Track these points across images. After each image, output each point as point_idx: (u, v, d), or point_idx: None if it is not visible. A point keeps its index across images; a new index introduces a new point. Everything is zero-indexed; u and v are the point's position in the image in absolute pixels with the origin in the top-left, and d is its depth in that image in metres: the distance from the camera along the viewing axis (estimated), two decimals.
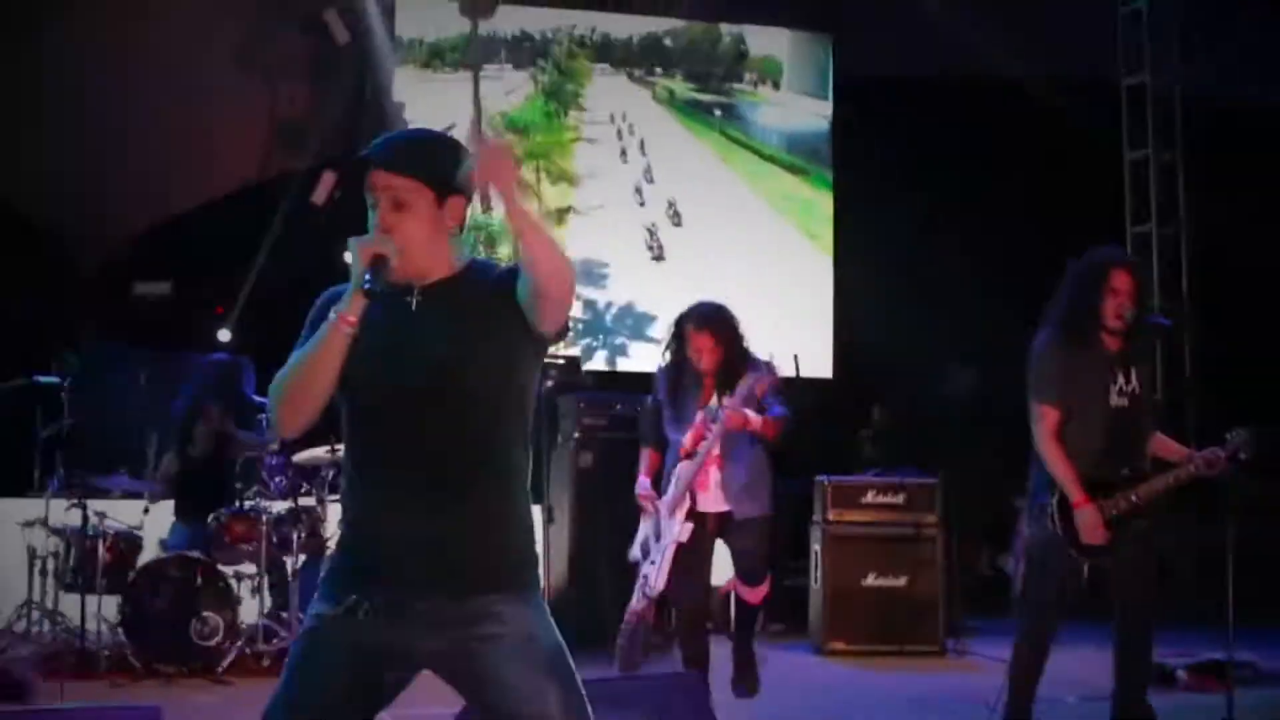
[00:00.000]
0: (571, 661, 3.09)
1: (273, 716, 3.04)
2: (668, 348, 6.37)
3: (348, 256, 3.01)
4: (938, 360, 11.26)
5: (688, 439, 6.17)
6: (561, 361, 9.39)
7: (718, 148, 12.06)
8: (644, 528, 6.41)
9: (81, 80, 10.36)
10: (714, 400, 6.18)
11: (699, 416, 6.20)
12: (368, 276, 2.97)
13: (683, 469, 6.17)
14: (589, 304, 11.37)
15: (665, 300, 10.80)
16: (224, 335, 10.50)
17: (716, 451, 6.14)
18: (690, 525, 6.13)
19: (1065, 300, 5.82)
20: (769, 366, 6.21)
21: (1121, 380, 5.75)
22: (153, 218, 11.11)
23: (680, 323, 6.30)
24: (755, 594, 6.45)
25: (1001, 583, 10.77)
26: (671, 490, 6.19)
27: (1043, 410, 5.70)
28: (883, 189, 11.42)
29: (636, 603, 6.36)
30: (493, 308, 3.07)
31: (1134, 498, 5.61)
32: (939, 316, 11.31)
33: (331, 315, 3.00)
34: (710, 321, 6.23)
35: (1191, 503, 10.10)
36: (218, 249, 10.94)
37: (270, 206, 11.20)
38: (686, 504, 6.16)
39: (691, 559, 6.21)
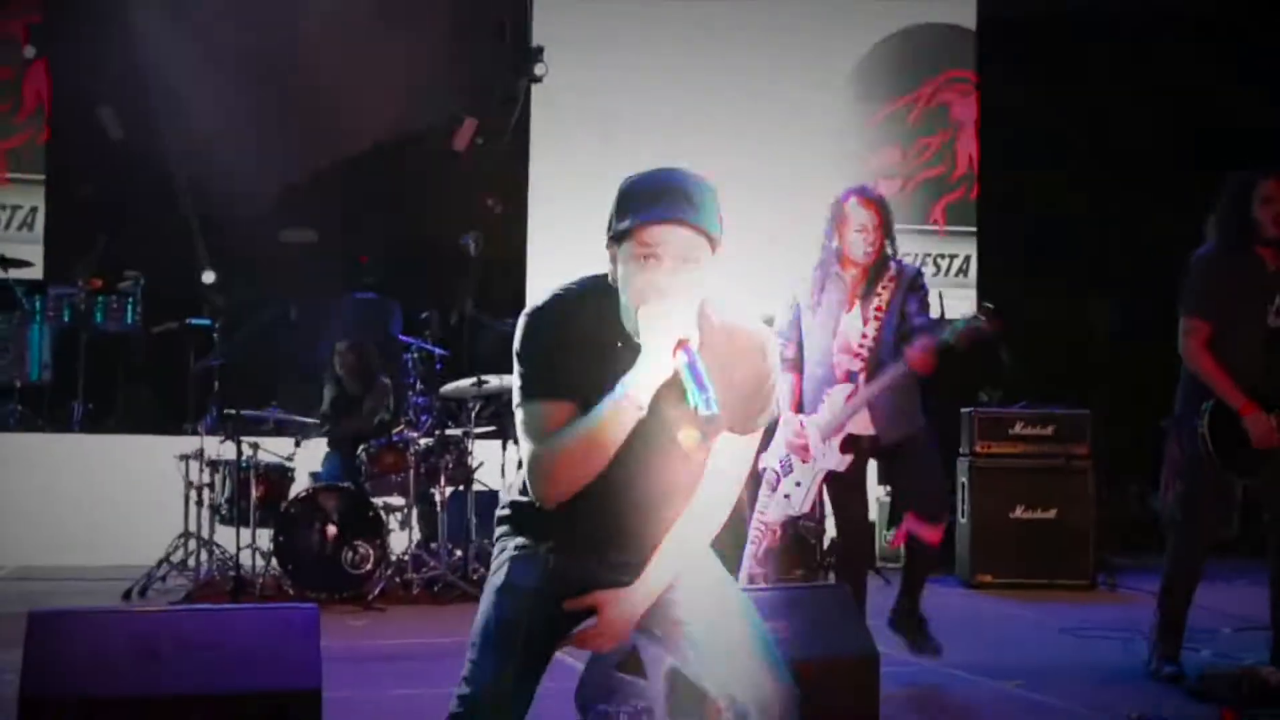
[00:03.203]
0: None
1: (482, 681, 3.00)
2: (824, 235, 5.78)
3: (640, 321, 2.81)
4: (1084, 297, 11.04)
5: (839, 350, 5.67)
6: None
7: None
8: (780, 439, 5.87)
9: (228, 43, 10.59)
10: (858, 304, 5.67)
11: (843, 323, 5.68)
12: (691, 372, 2.74)
13: (840, 399, 5.65)
14: None
15: None
16: (369, 282, 10.67)
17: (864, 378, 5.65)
18: (850, 457, 5.69)
19: (1222, 214, 5.67)
20: (911, 268, 5.84)
21: (1279, 300, 5.59)
22: (299, 171, 11.30)
23: (841, 198, 5.74)
24: (935, 532, 5.77)
25: (1152, 521, 10.55)
26: (827, 415, 5.65)
27: (1192, 324, 5.55)
28: (1031, 127, 11.21)
29: (767, 514, 5.93)
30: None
31: None
32: (1091, 253, 11.09)
33: (620, 390, 2.80)
34: (875, 197, 5.76)
35: None
36: (362, 201, 11.12)
37: (412, 157, 11.36)
38: (844, 432, 5.69)
39: (847, 486, 5.80)
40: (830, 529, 7.09)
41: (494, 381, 7.97)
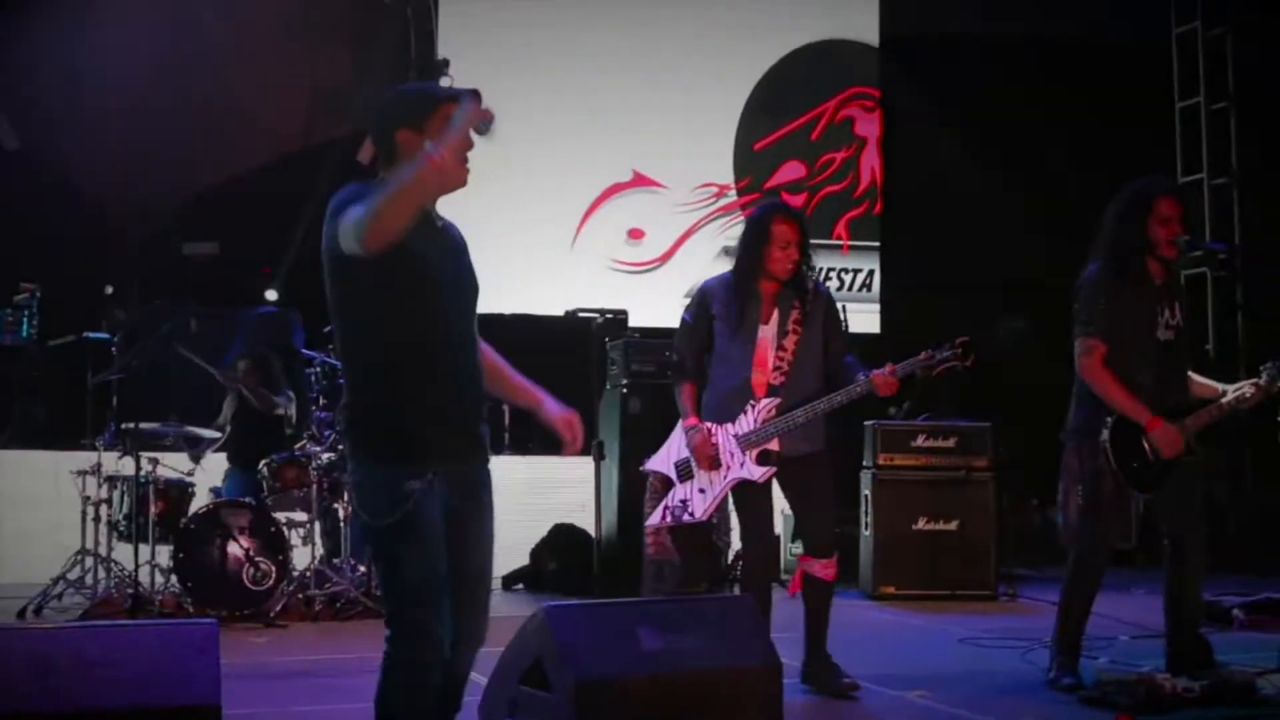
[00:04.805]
0: None
1: (431, 585, 3.47)
2: (742, 251, 5.74)
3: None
4: (990, 312, 11.18)
5: (756, 365, 5.64)
6: (609, 315, 9.39)
7: None
8: (678, 444, 5.85)
9: (129, 52, 10.46)
10: (774, 317, 5.67)
11: (760, 336, 5.66)
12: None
13: (766, 413, 5.59)
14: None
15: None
16: (271, 294, 10.56)
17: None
18: (771, 469, 5.61)
19: (1114, 230, 5.74)
20: (825, 290, 5.89)
21: (1167, 314, 5.69)
22: (201, 182, 11.18)
23: (764, 217, 5.71)
24: (829, 567, 5.73)
25: (1052, 533, 10.68)
26: (748, 427, 5.60)
27: (1090, 344, 5.61)
28: (932, 143, 11.35)
29: (660, 519, 5.88)
30: None
31: (1186, 425, 5.56)
32: (991, 269, 11.23)
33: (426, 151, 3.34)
34: (796, 214, 5.77)
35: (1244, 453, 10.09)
36: (264, 212, 11.01)
37: (315, 170, 11.27)
38: (763, 446, 5.62)
39: (755, 499, 5.71)
40: (735, 541, 7.10)
41: None
